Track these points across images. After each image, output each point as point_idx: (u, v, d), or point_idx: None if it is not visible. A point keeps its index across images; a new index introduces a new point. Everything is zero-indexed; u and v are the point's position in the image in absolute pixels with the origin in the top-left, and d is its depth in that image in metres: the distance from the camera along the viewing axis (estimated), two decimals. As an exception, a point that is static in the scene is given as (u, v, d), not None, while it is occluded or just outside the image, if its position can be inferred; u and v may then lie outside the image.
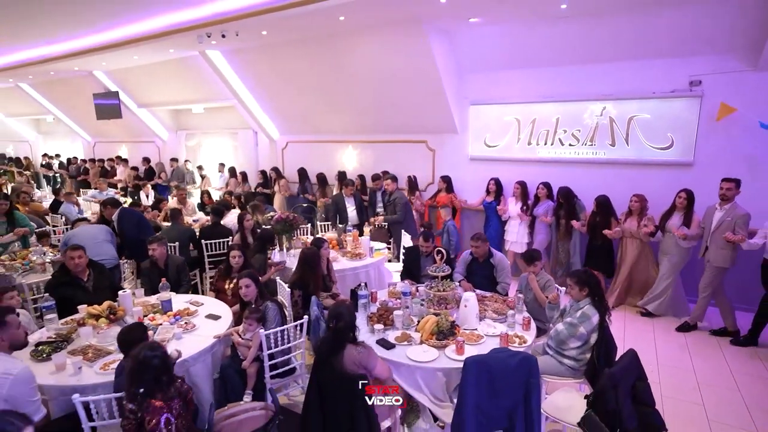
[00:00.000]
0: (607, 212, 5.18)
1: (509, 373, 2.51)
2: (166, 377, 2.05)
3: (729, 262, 4.27)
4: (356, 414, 2.35)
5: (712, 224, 4.36)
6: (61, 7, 5.47)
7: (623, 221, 5.08)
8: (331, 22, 5.44)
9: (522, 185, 5.88)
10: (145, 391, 1.98)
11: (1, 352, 2.28)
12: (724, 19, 4.58)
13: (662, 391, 3.52)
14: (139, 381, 1.99)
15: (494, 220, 6.16)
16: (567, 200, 5.47)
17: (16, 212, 5.45)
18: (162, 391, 1.98)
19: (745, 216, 4.18)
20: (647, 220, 4.91)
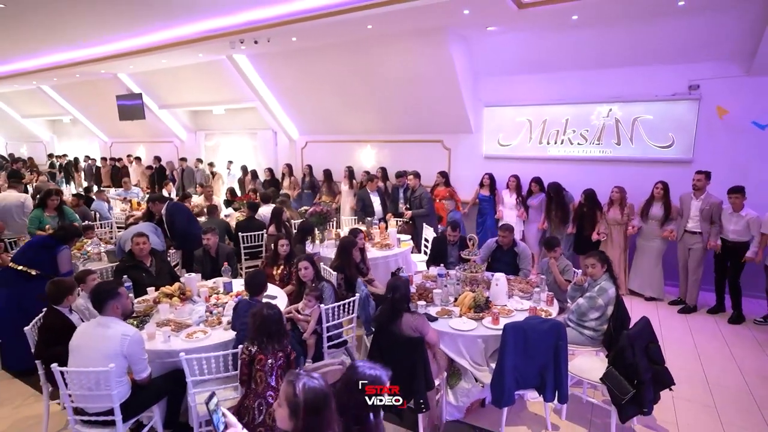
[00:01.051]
0: (593, 204, 5.64)
1: (541, 336, 2.95)
2: (279, 331, 2.52)
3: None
4: (416, 371, 2.78)
5: (690, 211, 4.92)
6: (102, 12, 5.80)
7: (606, 211, 5.55)
8: (360, 31, 5.87)
9: (516, 178, 6.36)
10: (267, 340, 2.46)
11: (117, 318, 2.70)
12: (720, 29, 5.04)
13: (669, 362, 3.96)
14: (264, 330, 2.47)
15: (490, 211, 6.61)
16: (557, 194, 5.90)
17: (65, 207, 5.84)
18: (276, 342, 2.47)
19: (719, 204, 4.79)
20: (628, 208, 5.44)
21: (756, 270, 4.76)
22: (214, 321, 3.29)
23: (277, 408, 1.49)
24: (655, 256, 5.33)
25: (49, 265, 3.86)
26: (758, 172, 5.21)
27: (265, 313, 2.51)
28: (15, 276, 3.78)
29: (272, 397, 2.41)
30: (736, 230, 4.66)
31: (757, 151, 5.22)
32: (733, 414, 3.28)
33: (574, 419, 3.25)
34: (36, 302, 3.67)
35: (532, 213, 6.26)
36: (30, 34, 6.74)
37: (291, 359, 2.56)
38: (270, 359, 2.43)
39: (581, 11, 5.02)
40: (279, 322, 2.56)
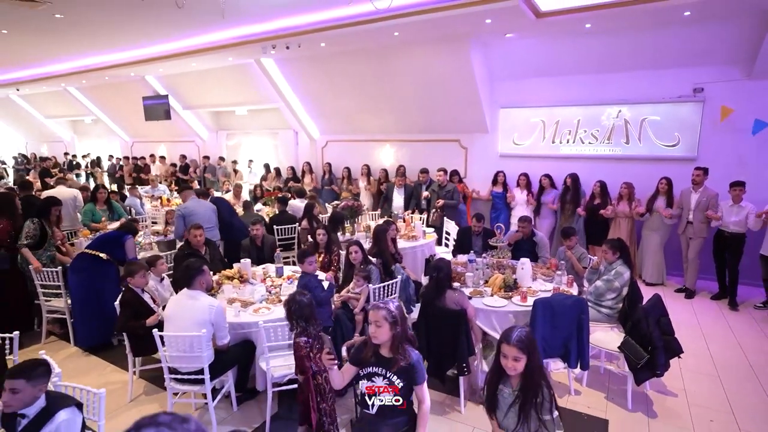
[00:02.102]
0: (604, 196, 6.06)
1: (566, 310, 3.38)
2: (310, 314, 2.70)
3: (706, 233, 5.37)
4: (459, 339, 3.21)
5: (691, 204, 5.38)
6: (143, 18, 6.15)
7: (617, 204, 5.96)
8: (386, 38, 6.29)
9: (526, 176, 6.79)
10: (302, 320, 2.68)
11: (202, 291, 3.13)
12: (723, 36, 5.47)
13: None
14: (300, 314, 2.67)
15: (502, 208, 7.03)
16: (573, 183, 6.33)
17: (113, 201, 6.28)
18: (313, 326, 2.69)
19: (716, 196, 5.28)
20: (637, 202, 5.85)
21: (755, 260, 5.17)
22: (274, 299, 3.72)
23: (377, 329, 2.03)
24: (658, 246, 5.76)
25: (118, 253, 4.29)
26: (757, 169, 5.62)
27: (298, 299, 2.66)
28: (89, 262, 4.21)
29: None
30: (736, 221, 5.07)
31: (757, 149, 5.64)
32: (734, 382, 3.70)
33: (593, 386, 3.68)
34: (107, 285, 4.13)
35: (544, 209, 6.66)
36: (78, 39, 7.16)
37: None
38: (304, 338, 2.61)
39: (594, 20, 5.44)
40: (311, 306, 2.70)
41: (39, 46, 7.74)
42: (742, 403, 3.42)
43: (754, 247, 5.13)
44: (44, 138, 15.93)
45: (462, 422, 3.25)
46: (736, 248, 5.11)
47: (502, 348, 2.01)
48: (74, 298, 4.29)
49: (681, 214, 5.57)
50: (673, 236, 5.82)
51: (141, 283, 3.64)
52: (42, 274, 4.37)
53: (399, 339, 2.06)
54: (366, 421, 2.13)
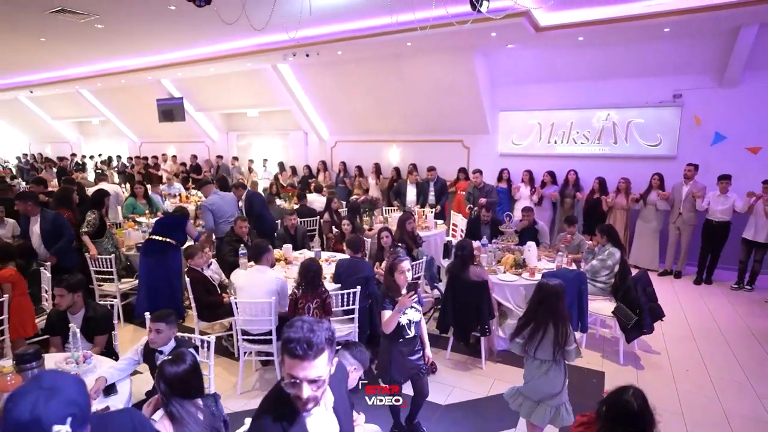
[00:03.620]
0: (603, 190, 6.78)
1: (569, 282, 4.03)
2: (316, 280, 3.42)
3: (695, 221, 6.09)
4: (482, 306, 3.85)
5: (682, 195, 6.10)
6: (177, 27, 6.66)
7: (614, 197, 6.68)
8: (399, 47, 6.92)
9: (530, 173, 7.47)
10: (306, 285, 3.39)
11: (268, 266, 3.72)
12: (698, 49, 6.22)
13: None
14: (302, 278, 3.39)
15: (506, 202, 7.68)
16: (576, 179, 7.04)
17: (150, 195, 6.80)
18: (312, 289, 3.38)
19: (703, 189, 6.01)
20: (632, 195, 6.56)
21: (735, 247, 5.90)
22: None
23: (403, 276, 2.82)
24: (652, 235, 6.46)
25: (180, 236, 4.83)
26: (726, 164, 6.35)
27: (308, 263, 3.40)
28: (158, 246, 4.71)
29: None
30: (722, 210, 5.80)
31: (726, 148, 6.41)
32: (706, 343, 4.41)
33: (591, 347, 4.36)
34: (174, 266, 4.68)
35: (544, 202, 7.35)
36: (108, 46, 7.64)
37: (326, 303, 3.43)
38: (308, 303, 3.36)
39: (587, 34, 6.14)
40: (317, 273, 3.41)
41: (68, 53, 8.20)
42: (712, 358, 4.13)
43: (738, 235, 5.83)
44: (49, 139, 16.19)
45: (484, 377, 3.89)
46: (721, 235, 5.85)
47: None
48: (142, 278, 4.78)
49: (673, 205, 6.30)
50: (665, 226, 6.50)
51: (200, 263, 4.21)
52: (97, 261, 4.88)
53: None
54: (406, 342, 2.84)
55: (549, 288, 2.66)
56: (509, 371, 3.93)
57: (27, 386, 1.03)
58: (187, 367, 1.93)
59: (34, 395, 1.00)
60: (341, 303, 3.71)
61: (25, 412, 0.98)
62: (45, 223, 4.26)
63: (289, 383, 1.26)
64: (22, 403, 0.99)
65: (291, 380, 1.25)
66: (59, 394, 1.02)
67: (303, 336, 1.24)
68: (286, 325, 1.29)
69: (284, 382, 1.28)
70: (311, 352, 1.23)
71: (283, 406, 1.31)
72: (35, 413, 0.97)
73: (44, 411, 0.98)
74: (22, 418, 0.98)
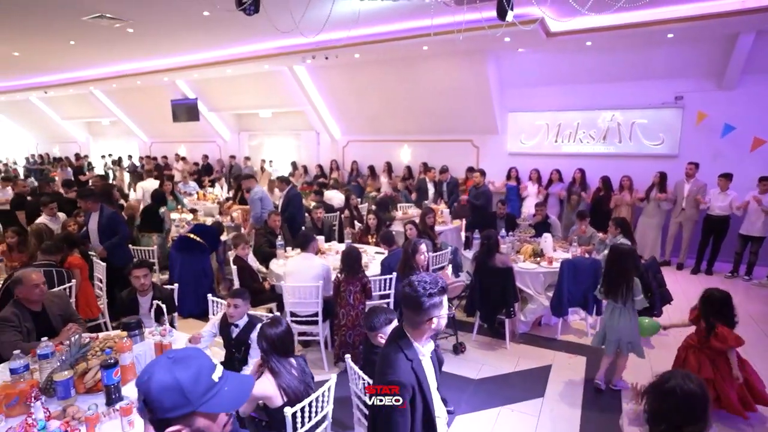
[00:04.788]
0: (608, 188, 7.15)
1: (585, 269, 4.40)
2: (356, 266, 3.77)
3: (696, 217, 6.47)
4: (507, 290, 4.19)
5: (684, 192, 6.47)
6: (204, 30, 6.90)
7: (620, 194, 7.05)
8: (416, 50, 7.26)
9: (537, 171, 7.83)
10: (347, 271, 3.73)
11: (313, 254, 4.04)
12: (699, 54, 6.62)
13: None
14: (345, 264, 3.74)
15: (514, 198, 8.03)
16: (581, 177, 7.40)
17: (176, 193, 7.09)
18: (353, 275, 3.73)
19: (704, 186, 6.39)
20: (636, 192, 6.92)
21: (733, 241, 6.29)
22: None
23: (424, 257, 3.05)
24: (654, 230, 6.80)
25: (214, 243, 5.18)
26: (726, 163, 6.76)
27: (348, 251, 3.78)
28: (192, 244, 5.02)
29: (351, 309, 3.68)
30: (721, 206, 6.18)
31: (725, 147, 6.81)
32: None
33: (604, 330, 4.71)
34: (204, 264, 4.99)
35: (551, 199, 7.72)
36: (133, 48, 7.91)
37: (367, 287, 3.77)
38: (350, 286, 3.71)
39: (594, 39, 6.51)
40: (357, 260, 3.76)
41: (92, 55, 8.46)
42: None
43: (736, 229, 6.21)
44: (57, 139, 16.38)
45: (509, 355, 4.24)
46: (720, 229, 6.24)
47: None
48: (171, 272, 5.09)
49: (676, 201, 6.67)
50: (667, 222, 6.87)
51: (244, 254, 4.53)
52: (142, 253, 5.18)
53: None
54: None
55: (621, 249, 3.43)
56: (532, 350, 4.28)
57: (159, 358, 1.16)
58: (284, 329, 2.25)
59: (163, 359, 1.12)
60: (380, 288, 4.04)
61: (141, 383, 1.08)
62: (102, 220, 4.54)
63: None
64: (144, 369, 1.11)
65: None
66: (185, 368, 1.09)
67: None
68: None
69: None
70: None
71: (406, 344, 1.65)
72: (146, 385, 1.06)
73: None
74: (139, 387, 1.07)
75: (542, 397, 3.57)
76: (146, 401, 1.04)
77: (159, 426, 1.06)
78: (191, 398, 1.04)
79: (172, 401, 1.03)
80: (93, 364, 2.41)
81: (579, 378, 3.85)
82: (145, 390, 1.04)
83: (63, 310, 3.18)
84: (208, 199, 9.32)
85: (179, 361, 1.08)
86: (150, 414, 1.05)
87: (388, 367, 1.64)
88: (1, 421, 2.11)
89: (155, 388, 1.03)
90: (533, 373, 3.92)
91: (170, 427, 1.04)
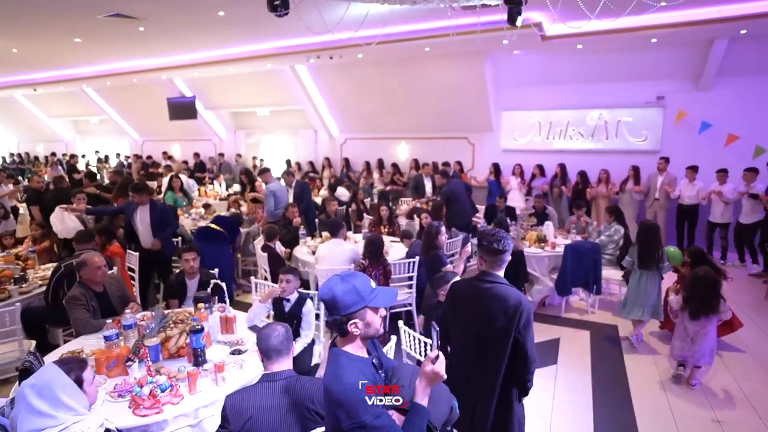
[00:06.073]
0: (585, 181, 7.68)
1: (586, 252, 4.85)
2: (380, 252, 4.10)
3: (668, 205, 7.10)
4: (518, 271, 4.59)
5: (657, 184, 7.09)
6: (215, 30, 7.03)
7: (597, 186, 7.59)
8: (417, 51, 7.61)
9: (520, 166, 8.32)
10: (370, 256, 4.07)
11: (343, 240, 4.35)
12: (679, 57, 7.21)
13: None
14: (369, 251, 4.07)
15: (495, 192, 8.40)
16: (562, 171, 7.93)
17: (185, 189, 7.25)
18: (376, 260, 4.08)
19: (674, 178, 7.01)
20: (612, 185, 7.49)
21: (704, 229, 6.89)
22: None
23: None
24: (629, 219, 7.33)
25: (233, 234, 5.41)
26: (703, 157, 7.36)
27: (372, 238, 4.13)
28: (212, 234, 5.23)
29: None
30: (690, 195, 6.80)
31: (702, 143, 7.43)
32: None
33: (603, 309, 5.18)
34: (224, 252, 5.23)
35: (534, 193, 8.18)
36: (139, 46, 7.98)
37: (388, 271, 4.13)
38: (373, 271, 4.05)
39: (585, 43, 7.01)
40: (380, 246, 4.10)
41: (95, 53, 8.48)
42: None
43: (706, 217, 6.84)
44: (41, 138, 16.03)
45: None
46: (692, 216, 6.84)
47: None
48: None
49: (648, 193, 7.25)
50: (641, 212, 7.47)
51: (276, 243, 4.80)
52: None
53: None
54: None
55: (650, 224, 4.09)
56: (540, 327, 4.67)
57: (331, 278, 1.57)
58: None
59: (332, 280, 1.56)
60: (404, 271, 4.37)
61: (326, 291, 1.53)
62: (155, 213, 4.73)
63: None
64: (325, 282, 1.56)
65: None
66: (354, 278, 1.55)
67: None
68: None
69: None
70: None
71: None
72: (331, 291, 1.51)
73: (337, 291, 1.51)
74: (324, 296, 1.52)
75: (555, 364, 3.98)
76: (333, 303, 1.49)
77: (340, 325, 1.51)
78: (363, 296, 1.50)
79: (352, 299, 1.48)
80: (173, 333, 2.67)
81: (585, 348, 4.29)
82: (332, 296, 1.49)
83: (120, 291, 3.42)
84: (210, 195, 9.48)
85: (347, 276, 1.55)
86: (335, 312, 1.50)
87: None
88: (105, 381, 2.36)
89: (339, 292, 1.48)
90: (544, 344, 4.33)
91: (351, 320, 1.49)
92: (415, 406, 1.49)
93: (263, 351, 1.90)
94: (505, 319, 2.07)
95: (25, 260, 4.63)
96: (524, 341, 2.07)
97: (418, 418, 1.48)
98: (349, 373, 1.48)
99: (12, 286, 3.84)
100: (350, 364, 1.51)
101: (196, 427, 2.23)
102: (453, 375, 1.85)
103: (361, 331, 1.51)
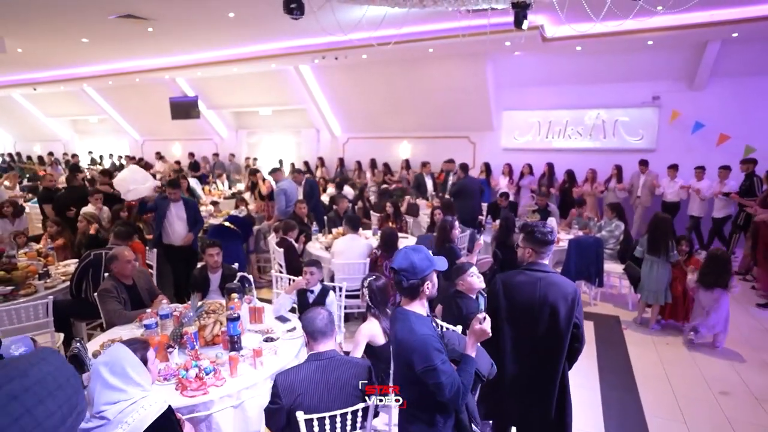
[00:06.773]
0: (572, 180, 7.92)
1: (589, 246, 5.05)
2: (394, 245, 4.24)
3: (650, 203, 7.36)
4: (525, 264, 4.78)
5: (640, 182, 7.38)
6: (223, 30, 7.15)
7: (583, 185, 7.81)
8: (421, 52, 7.78)
9: (509, 166, 8.54)
10: (384, 247, 4.25)
11: (358, 236, 4.50)
12: (674, 59, 7.45)
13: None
14: (384, 243, 4.25)
15: (486, 191, 8.60)
16: (549, 170, 8.18)
17: (192, 187, 7.36)
18: (389, 251, 4.23)
19: (656, 176, 7.33)
20: (597, 184, 7.73)
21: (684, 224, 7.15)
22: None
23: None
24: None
25: (247, 233, 5.56)
26: (698, 156, 7.62)
27: (387, 231, 4.36)
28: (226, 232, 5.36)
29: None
30: (672, 192, 7.10)
31: (695, 142, 7.68)
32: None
33: (605, 300, 5.39)
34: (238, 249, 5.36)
35: (523, 191, 8.41)
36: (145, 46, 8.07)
37: None
38: (386, 261, 4.22)
39: (584, 45, 7.22)
40: (395, 239, 4.29)
41: (100, 52, 8.55)
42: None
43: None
44: (38, 137, 15.95)
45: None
46: (674, 212, 7.08)
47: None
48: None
49: (632, 190, 7.53)
50: (626, 208, 7.67)
51: (292, 237, 4.94)
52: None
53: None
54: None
55: (662, 216, 4.45)
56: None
57: (401, 250, 1.91)
58: (385, 281, 2.73)
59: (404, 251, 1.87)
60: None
61: (404, 261, 1.83)
62: (189, 209, 4.89)
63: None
64: (399, 255, 1.86)
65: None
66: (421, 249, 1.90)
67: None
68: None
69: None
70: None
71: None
72: (409, 260, 1.83)
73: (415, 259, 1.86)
74: (403, 265, 1.82)
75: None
76: (412, 268, 1.81)
77: (416, 288, 1.83)
78: (432, 261, 1.86)
79: (426, 264, 1.83)
80: (207, 322, 2.82)
81: (590, 337, 4.48)
82: (410, 262, 1.82)
83: (148, 285, 3.55)
84: (214, 194, 9.57)
85: (416, 247, 1.90)
86: (413, 277, 1.81)
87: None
88: (150, 365, 2.49)
89: (416, 259, 1.83)
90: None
91: (424, 283, 1.83)
92: (466, 357, 1.84)
93: (309, 333, 2.06)
94: (565, 305, 2.18)
95: (46, 257, 4.73)
96: (580, 323, 2.24)
97: (469, 365, 1.82)
98: (420, 327, 1.81)
99: (37, 281, 3.95)
100: (418, 320, 1.84)
101: (238, 408, 2.38)
102: (507, 370, 2.27)
103: (430, 292, 1.86)
